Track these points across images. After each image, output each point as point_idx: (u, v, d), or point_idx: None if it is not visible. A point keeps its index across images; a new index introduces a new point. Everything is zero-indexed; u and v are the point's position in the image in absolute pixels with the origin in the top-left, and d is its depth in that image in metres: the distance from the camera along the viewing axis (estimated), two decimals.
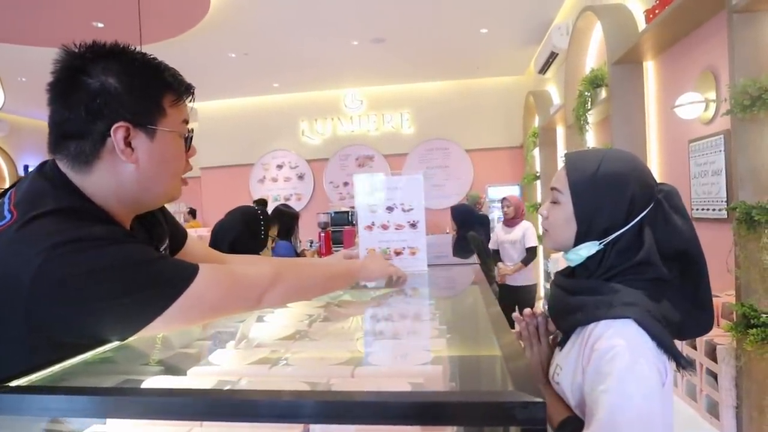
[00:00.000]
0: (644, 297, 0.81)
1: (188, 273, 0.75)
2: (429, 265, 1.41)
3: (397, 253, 1.37)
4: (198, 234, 6.01)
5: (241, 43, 5.54)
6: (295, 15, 4.82)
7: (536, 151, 5.68)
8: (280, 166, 8.05)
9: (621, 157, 0.89)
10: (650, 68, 2.91)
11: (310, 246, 6.33)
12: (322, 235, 5.84)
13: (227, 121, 8.08)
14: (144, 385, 0.77)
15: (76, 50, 0.76)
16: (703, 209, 2.40)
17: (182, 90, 0.85)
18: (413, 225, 1.37)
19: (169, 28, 4.92)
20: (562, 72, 4.22)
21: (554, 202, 0.92)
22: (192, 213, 7.92)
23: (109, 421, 0.71)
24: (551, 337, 1.01)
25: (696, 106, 2.32)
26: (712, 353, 1.87)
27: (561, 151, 4.83)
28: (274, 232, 2.48)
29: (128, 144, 0.77)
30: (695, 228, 0.89)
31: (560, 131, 4.88)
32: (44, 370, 0.67)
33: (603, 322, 0.80)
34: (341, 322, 1.25)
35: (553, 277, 0.98)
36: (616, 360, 0.75)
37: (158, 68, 0.82)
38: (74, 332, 0.68)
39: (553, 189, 0.93)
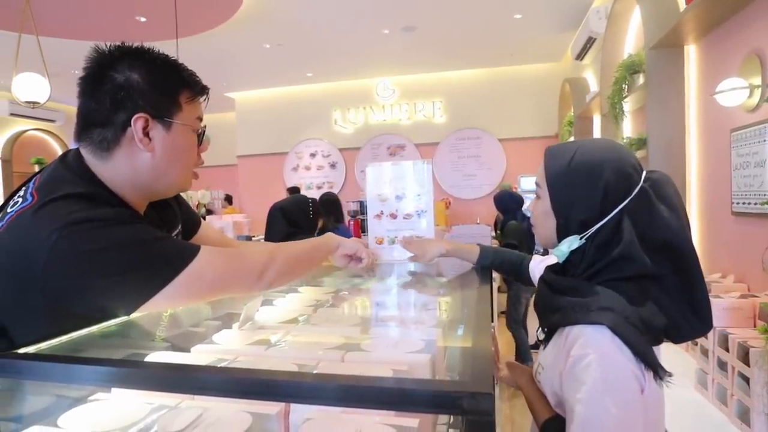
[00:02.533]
0: (623, 301, 0.77)
1: (189, 252, 0.80)
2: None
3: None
4: (234, 219, 6.22)
5: (275, 33, 5.62)
6: (326, 4, 4.84)
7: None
8: (313, 155, 8.17)
9: (598, 145, 0.85)
10: (692, 53, 2.75)
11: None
12: (352, 223, 5.91)
13: (262, 110, 8.26)
14: (147, 359, 0.82)
15: (106, 50, 0.84)
16: (744, 203, 2.26)
17: (198, 89, 0.91)
18: (421, 214, 1.36)
19: (205, 21, 5.06)
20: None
21: (537, 197, 0.90)
22: (228, 199, 8.18)
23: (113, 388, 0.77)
24: None
25: (739, 92, 2.18)
26: (744, 356, 1.78)
27: None
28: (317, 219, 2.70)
29: (146, 134, 0.84)
30: (735, 222, 0.82)
31: (597, 120, 4.70)
32: (55, 339, 0.73)
33: (578, 327, 0.77)
34: (346, 309, 1.28)
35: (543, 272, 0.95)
36: (589, 369, 0.72)
37: (177, 67, 0.89)
38: (83, 304, 0.74)
39: (536, 184, 0.91)
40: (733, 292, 2.05)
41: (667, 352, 2.55)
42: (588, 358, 0.73)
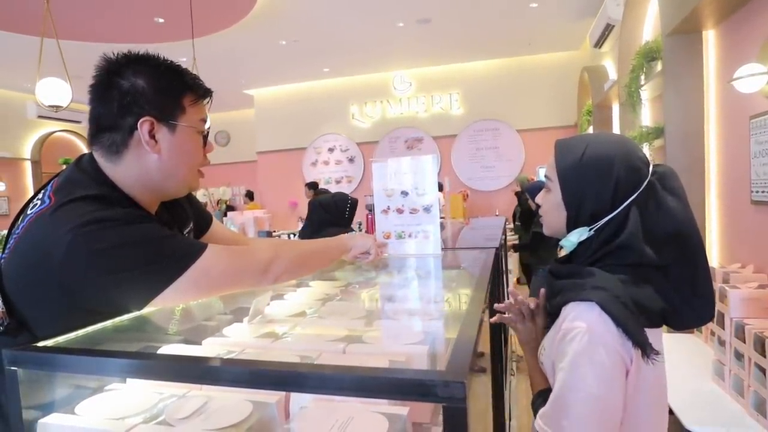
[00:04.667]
0: (618, 282, 0.80)
1: (196, 249, 0.85)
2: (445, 249, 1.42)
3: (412, 237, 1.39)
4: (255, 215, 6.32)
5: (290, 30, 5.67)
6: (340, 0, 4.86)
7: (590, 130, 5.41)
8: (331, 150, 8.22)
9: (608, 140, 0.88)
10: (710, 38, 2.67)
11: (359, 228, 6.44)
12: (370, 216, 5.94)
13: (280, 107, 8.35)
14: (160, 352, 0.86)
15: (113, 58, 0.88)
16: (763, 192, 2.20)
17: (200, 92, 0.94)
18: (427, 209, 1.38)
19: (221, 20, 5.14)
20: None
21: (546, 190, 0.93)
22: (249, 195, 8.30)
23: (127, 379, 0.82)
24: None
25: (757, 78, 2.12)
26: (761, 348, 1.75)
27: (616, 129, 4.57)
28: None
29: (152, 136, 0.88)
30: (755, 211, 0.83)
31: (616, 109, 4.61)
32: (72, 333, 0.78)
33: (571, 304, 0.81)
34: (353, 302, 1.31)
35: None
36: (574, 341, 0.76)
37: (180, 72, 0.92)
38: (97, 299, 0.79)
39: (545, 177, 0.93)
40: (752, 283, 2.01)
41: (684, 342, 2.52)
42: (574, 332, 0.77)
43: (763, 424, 1.69)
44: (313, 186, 6.83)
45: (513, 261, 4.70)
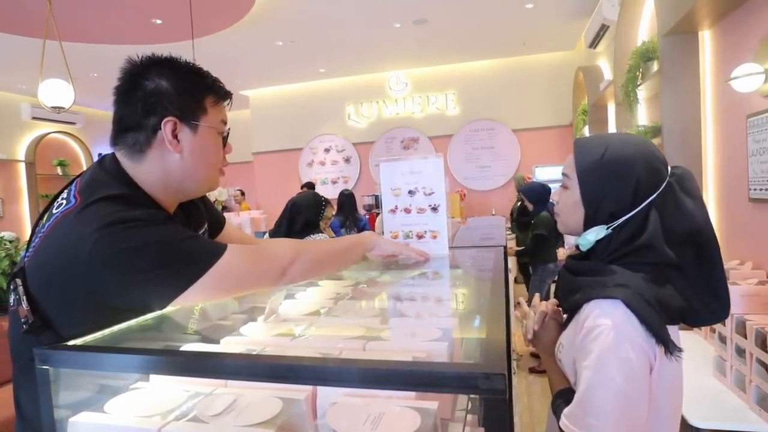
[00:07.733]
0: (641, 280, 0.81)
1: (217, 250, 0.86)
2: (452, 248, 1.44)
3: (419, 237, 1.41)
4: (252, 216, 6.32)
5: (287, 31, 5.67)
6: (337, 0, 4.86)
7: (586, 130, 5.46)
8: (327, 150, 8.22)
9: (628, 141, 0.89)
10: (706, 38, 2.71)
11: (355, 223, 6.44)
12: (367, 216, 5.96)
13: (277, 107, 8.33)
14: (181, 350, 0.87)
15: (137, 60, 0.90)
16: (761, 189, 2.24)
17: (221, 93, 0.97)
18: (434, 208, 1.39)
19: (219, 21, 5.13)
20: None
21: (564, 187, 0.94)
22: (241, 193, 8.29)
23: (151, 378, 0.82)
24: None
25: (754, 77, 2.16)
26: (762, 343, 1.78)
27: (612, 129, 4.62)
28: (330, 212, 3.01)
29: (175, 136, 0.90)
30: (753, 208, 0.85)
31: (611, 108, 4.66)
32: (97, 333, 0.79)
33: (594, 302, 0.82)
34: (365, 301, 1.32)
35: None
36: (599, 339, 0.76)
37: (202, 74, 0.95)
38: (121, 298, 0.80)
39: (563, 174, 0.94)
40: (751, 279, 2.05)
41: (685, 339, 2.55)
42: (599, 329, 0.77)
43: (765, 419, 1.72)
44: (309, 187, 6.83)
45: (511, 260, 4.74)
